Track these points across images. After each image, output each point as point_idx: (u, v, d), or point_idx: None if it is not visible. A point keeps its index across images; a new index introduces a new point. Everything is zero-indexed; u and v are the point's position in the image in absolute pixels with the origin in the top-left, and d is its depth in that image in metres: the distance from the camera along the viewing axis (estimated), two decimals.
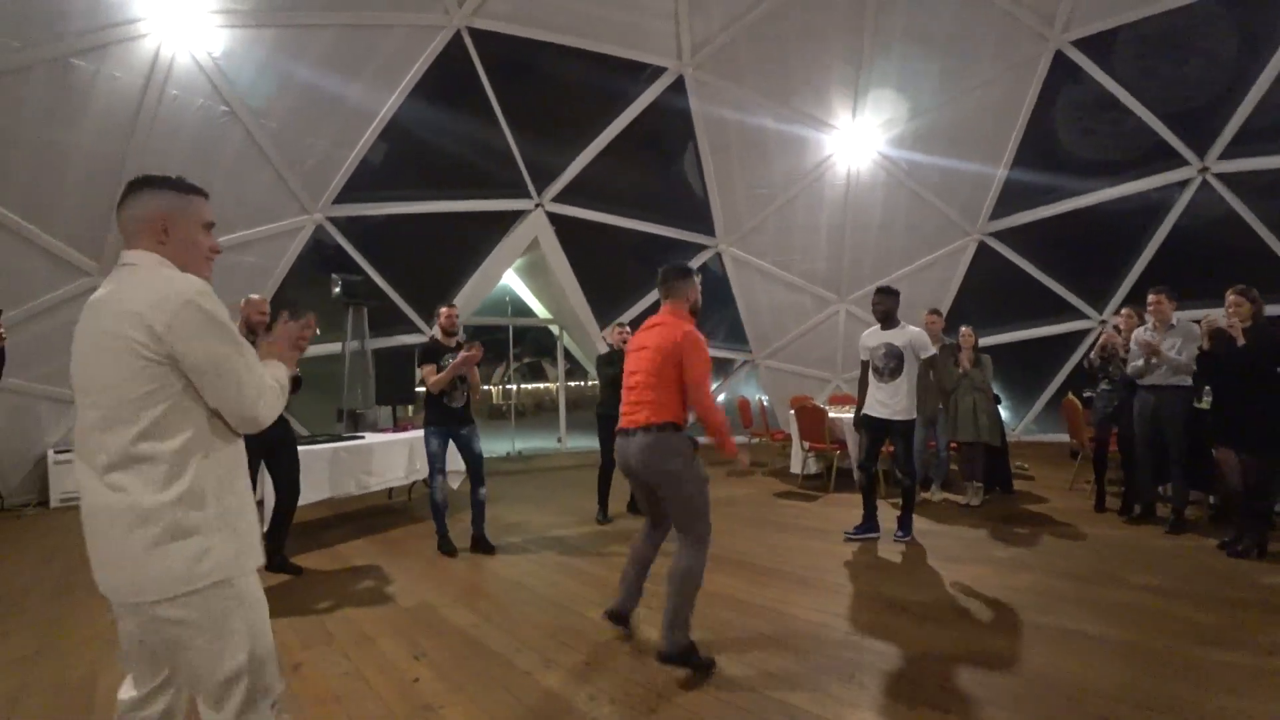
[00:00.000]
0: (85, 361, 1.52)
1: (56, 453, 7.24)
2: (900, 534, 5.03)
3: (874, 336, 5.12)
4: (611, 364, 5.85)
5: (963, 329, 6.49)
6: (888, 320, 5.06)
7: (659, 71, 9.37)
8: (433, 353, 4.93)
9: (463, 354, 4.76)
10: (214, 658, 1.50)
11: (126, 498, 1.45)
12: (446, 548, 4.99)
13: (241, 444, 1.66)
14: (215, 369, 1.51)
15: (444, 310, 5.17)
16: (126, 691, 1.64)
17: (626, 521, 5.94)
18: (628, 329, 6.07)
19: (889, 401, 4.95)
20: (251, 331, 4.44)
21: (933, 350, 5.03)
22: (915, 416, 5.00)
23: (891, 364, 4.95)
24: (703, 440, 3.33)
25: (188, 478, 1.49)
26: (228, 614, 1.52)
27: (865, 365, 5.19)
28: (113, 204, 6.92)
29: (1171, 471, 5.28)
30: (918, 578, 4.20)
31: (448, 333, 5.08)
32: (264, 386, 1.60)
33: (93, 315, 1.52)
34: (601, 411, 5.97)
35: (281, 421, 4.60)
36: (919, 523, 5.67)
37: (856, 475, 5.43)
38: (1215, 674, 2.77)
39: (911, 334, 4.98)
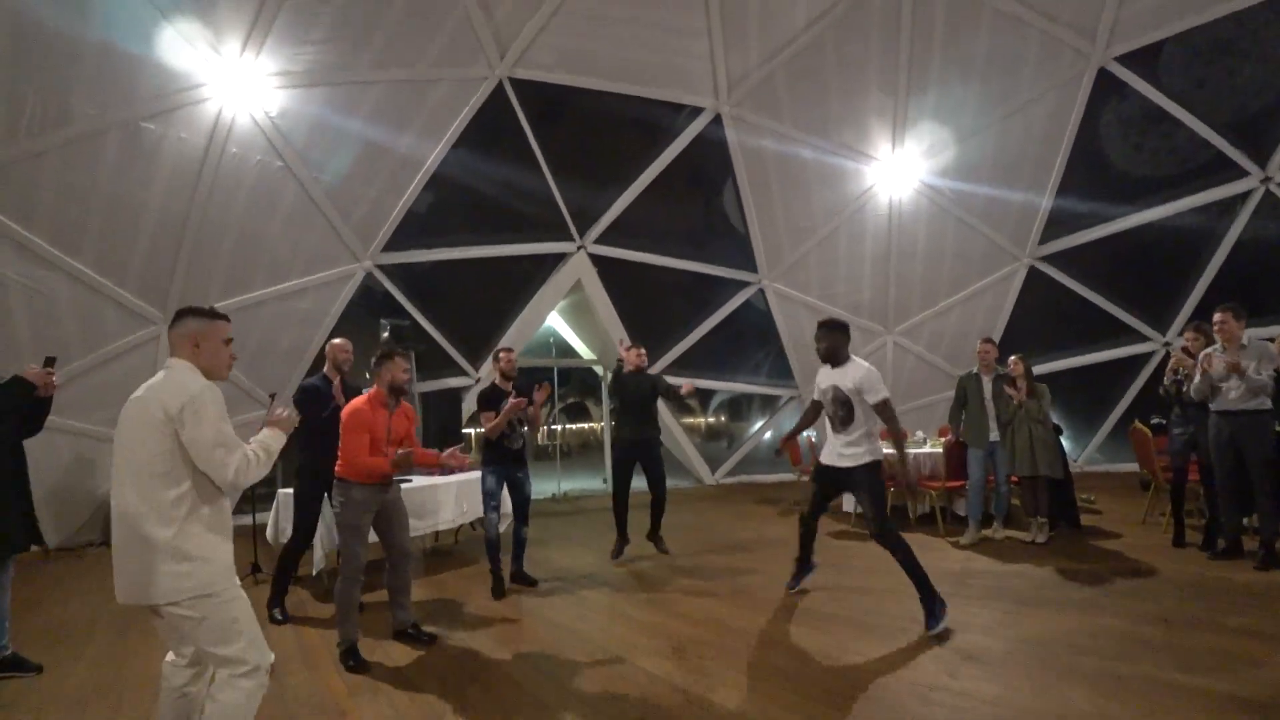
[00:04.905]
0: (124, 428, 2.16)
1: None
2: (932, 624, 3.79)
3: (825, 376, 4.33)
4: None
5: (1010, 358, 6.25)
6: (833, 359, 4.26)
7: (697, 111, 9.48)
8: (491, 400, 4.95)
9: (513, 400, 4.80)
10: (214, 643, 2.13)
11: (141, 528, 2.07)
12: (499, 590, 4.92)
13: (225, 498, 2.27)
14: (204, 447, 2.12)
15: (503, 354, 5.17)
16: (169, 656, 2.32)
17: (680, 560, 5.81)
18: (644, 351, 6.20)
19: (846, 451, 4.16)
20: (338, 369, 4.69)
21: (882, 394, 4.06)
22: (880, 458, 4.16)
23: (841, 412, 4.16)
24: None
25: (183, 517, 2.11)
26: (217, 612, 2.13)
27: (814, 405, 4.51)
28: (177, 256, 7.29)
29: (1258, 501, 4.94)
30: (987, 623, 3.96)
31: (506, 376, 5.09)
32: (239, 461, 2.18)
33: (138, 399, 2.17)
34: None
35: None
36: (982, 562, 5.42)
37: (802, 531, 4.63)
38: None
39: (859, 375, 4.11)
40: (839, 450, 4.20)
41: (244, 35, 6.65)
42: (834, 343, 4.24)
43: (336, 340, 4.83)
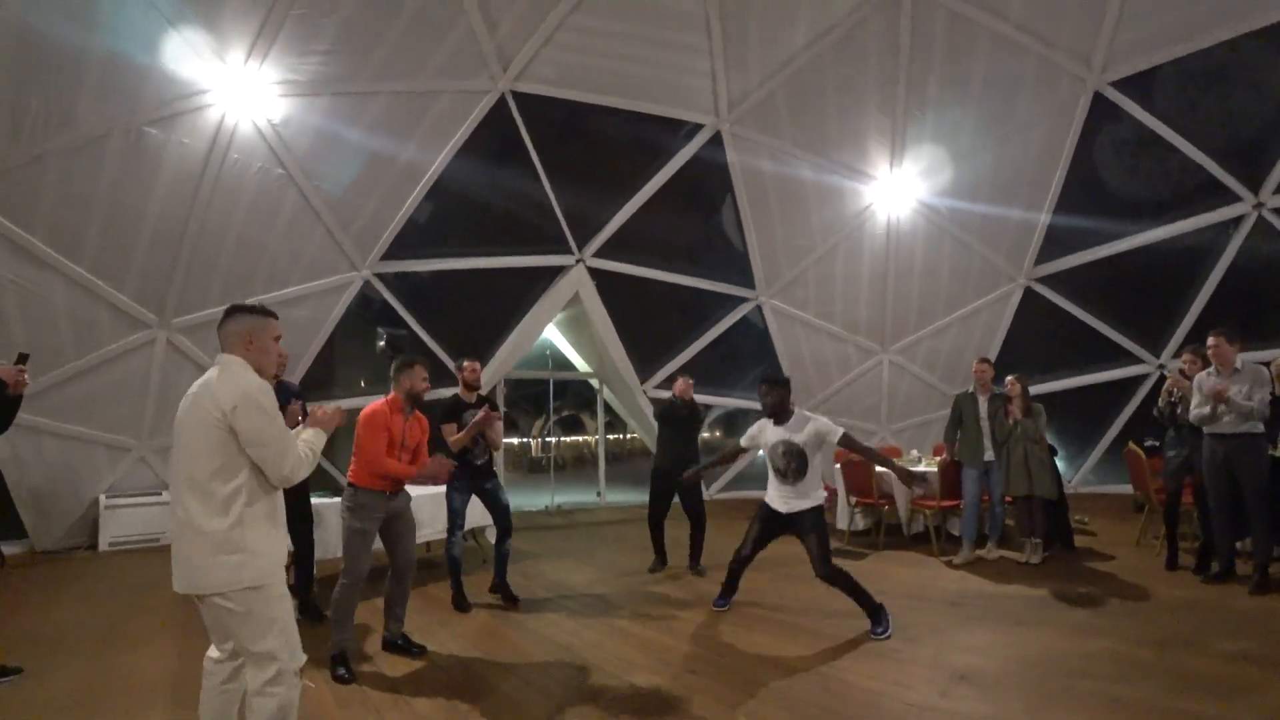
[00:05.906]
0: (182, 425, 2.22)
1: (108, 498, 7.40)
2: (879, 631, 4.12)
3: (768, 432, 4.43)
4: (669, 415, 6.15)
5: (1008, 378, 6.27)
6: (780, 414, 4.40)
7: (697, 128, 9.55)
8: (453, 411, 4.86)
9: (481, 414, 4.72)
10: (251, 638, 2.17)
11: (195, 520, 2.13)
12: (461, 604, 4.91)
13: (279, 492, 2.33)
14: (259, 442, 2.18)
15: (467, 364, 5.04)
16: (212, 651, 2.36)
17: (676, 576, 5.78)
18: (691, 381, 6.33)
19: (795, 498, 4.32)
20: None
21: (840, 431, 4.27)
22: (822, 501, 4.36)
23: (795, 464, 4.28)
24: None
25: (237, 510, 2.15)
26: (261, 608, 2.17)
27: (738, 450, 4.76)
28: (175, 262, 7.24)
29: (1251, 525, 4.93)
30: (981, 643, 3.95)
31: (470, 387, 4.99)
32: (294, 456, 2.25)
33: (193, 395, 2.22)
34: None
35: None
36: (976, 582, 5.41)
37: (734, 563, 4.67)
38: None
39: (814, 426, 4.29)
40: (787, 498, 4.34)
41: (249, 44, 6.67)
42: (780, 398, 4.37)
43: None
